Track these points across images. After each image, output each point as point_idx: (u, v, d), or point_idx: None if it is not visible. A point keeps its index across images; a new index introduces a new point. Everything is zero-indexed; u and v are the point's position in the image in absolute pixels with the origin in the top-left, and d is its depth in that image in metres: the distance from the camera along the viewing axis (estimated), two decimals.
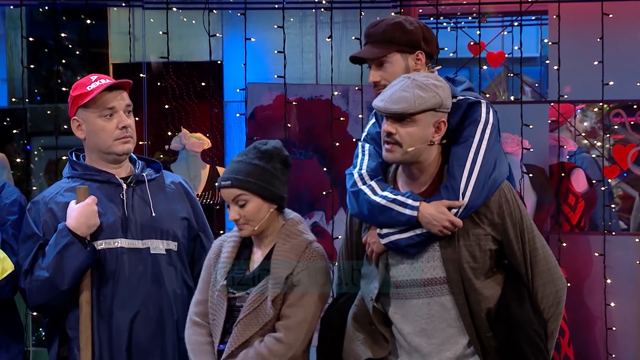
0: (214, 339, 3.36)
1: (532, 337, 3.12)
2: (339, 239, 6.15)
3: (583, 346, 6.14)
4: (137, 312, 3.51)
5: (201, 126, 6.60)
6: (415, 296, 3.19)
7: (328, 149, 6.17)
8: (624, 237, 6.20)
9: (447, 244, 3.14)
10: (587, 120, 6.97)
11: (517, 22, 6.55)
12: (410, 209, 3.11)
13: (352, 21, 6.31)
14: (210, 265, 3.44)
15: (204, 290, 3.42)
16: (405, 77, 3.15)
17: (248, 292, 3.34)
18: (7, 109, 6.81)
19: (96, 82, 3.54)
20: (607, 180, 6.31)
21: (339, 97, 6.26)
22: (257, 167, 3.30)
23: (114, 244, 3.52)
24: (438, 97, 3.10)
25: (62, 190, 3.58)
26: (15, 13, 6.54)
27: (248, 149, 3.35)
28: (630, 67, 6.15)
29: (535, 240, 3.21)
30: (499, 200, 3.16)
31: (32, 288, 3.47)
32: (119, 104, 3.54)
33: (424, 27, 3.40)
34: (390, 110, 3.09)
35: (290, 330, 3.29)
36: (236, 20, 6.27)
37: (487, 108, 3.23)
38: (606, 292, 5.95)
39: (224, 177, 3.30)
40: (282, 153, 3.37)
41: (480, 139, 3.16)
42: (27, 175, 6.59)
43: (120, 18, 6.56)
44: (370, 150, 3.32)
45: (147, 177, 3.63)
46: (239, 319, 3.32)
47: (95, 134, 3.55)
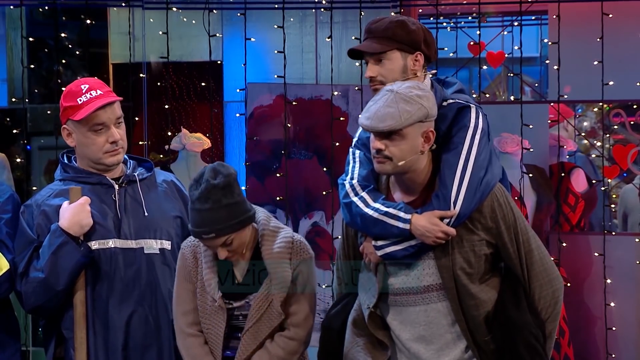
0: (212, 348, 3.39)
1: (529, 339, 3.13)
2: (338, 238, 6.13)
3: (583, 346, 6.14)
4: (133, 312, 3.52)
5: (201, 126, 6.59)
6: (412, 303, 3.20)
7: (328, 149, 6.17)
8: (624, 237, 6.20)
9: (441, 252, 3.15)
10: (587, 120, 6.97)
11: (517, 22, 6.55)
12: (403, 222, 3.12)
13: (352, 21, 6.30)
14: (189, 272, 3.43)
15: (190, 300, 3.42)
16: (388, 91, 3.12)
17: (247, 301, 3.37)
18: (7, 109, 6.81)
19: (87, 94, 3.51)
20: (607, 180, 6.31)
21: (339, 97, 6.26)
22: (228, 207, 3.25)
23: (107, 245, 3.52)
24: (423, 108, 3.08)
25: (54, 193, 3.58)
26: (15, 13, 6.54)
27: (207, 191, 3.22)
28: (630, 67, 6.15)
29: (530, 242, 3.21)
30: (492, 205, 3.16)
31: (28, 290, 3.47)
32: (109, 119, 3.53)
33: (426, 30, 3.39)
34: (377, 128, 3.07)
35: (300, 327, 3.38)
36: (236, 20, 6.27)
37: (476, 113, 3.22)
38: (606, 292, 5.95)
39: (205, 231, 3.25)
40: (230, 174, 3.27)
41: (470, 145, 3.15)
42: (27, 175, 6.59)
43: (120, 18, 6.56)
44: (361, 157, 3.32)
45: (139, 177, 3.63)
46: (247, 328, 3.36)
47: (85, 146, 3.55)
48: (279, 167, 6.25)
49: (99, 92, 3.53)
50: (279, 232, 3.41)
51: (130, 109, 6.38)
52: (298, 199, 6.28)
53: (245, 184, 6.24)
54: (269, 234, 3.39)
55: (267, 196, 6.20)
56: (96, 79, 3.67)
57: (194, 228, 3.28)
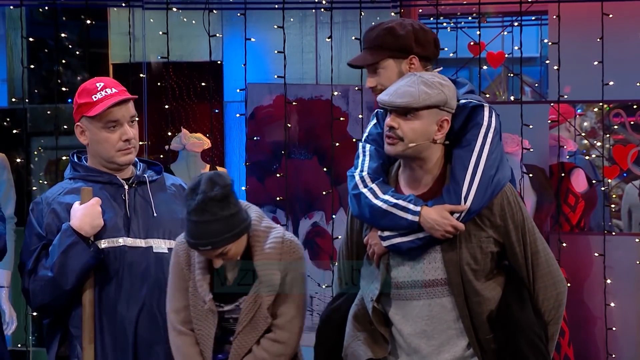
0: (203, 350, 3.37)
1: (533, 339, 3.12)
2: (339, 239, 6.14)
3: (583, 346, 6.14)
4: (141, 310, 3.52)
5: (201, 126, 6.60)
6: (416, 297, 3.19)
7: (328, 149, 6.17)
8: (624, 237, 6.20)
9: (448, 246, 3.14)
10: (587, 121, 6.97)
11: (517, 22, 6.55)
12: (412, 214, 3.12)
13: (352, 21, 6.31)
14: (182, 271, 3.42)
15: (182, 297, 3.40)
16: (411, 74, 3.17)
17: (238, 304, 3.36)
18: (7, 109, 6.81)
19: (102, 91, 3.53)
20: (607, 181, 6.32)
21: (339, 97, 6.26)
22: (225, 220, 3.22)
23: (116, 243, 3.53)
24: (443, 94, 3.11)
25: (64, 191, 3.60)
26: (16, 13, 6.54)
27: (203, 203, 3.19)
28: (630, 67, 6.15)
29: (537, 243, 3.21)
30: (501, 203, 3.17)
31: (35, 288, 3.48)
32: (123, 117, 3.55)
33: (418, 31, 3.39)
34: (394, 103, 3.09)
35: (284, 329, 3.34)
36: (236, 20, 6.27)
37: (489, 112, 3.24)
38: (606, 293, 5.95)
39: (202, 243, 3.23)
40: (227, 185, 3.24)
41: (483, 142, 3.17)
42: (27, 176, 6.59)
43: (120, 18, 6.56)
44: (371, 151, 3.32)
45: (149, 179, 3.65)
46: (238, 332, 3.34)
47: (99, 143, 3.56)
48: (279, 167, 6.25)
49: (114, 90, 3.55)
50: (270, 232, 3.38)
51: None
52: (298, 199, 6.28)
53: (245, 184, 6.25)
54: (259, 235, 3.36)
55: (267, 196, 6.21)
56: (111, 79, 3.69)
57: (190, 239, 3.26)
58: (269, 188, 6.25)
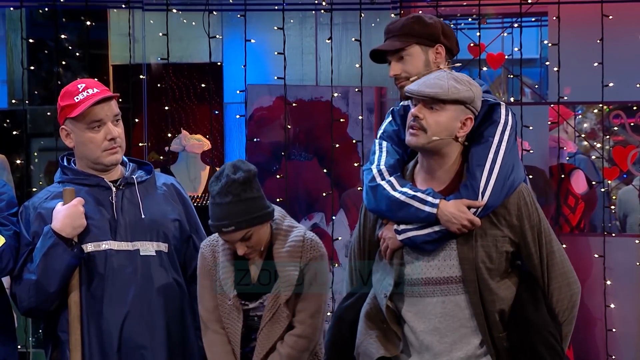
0: (234, 345, 3.44)
1: (548, 339, 3.12)
2: (338, 240, 6.15)
3: (583, 347, 6.14)
4: (128, 313, 3.50)
5: (201, 127, 6.60)
6: (430, 294, 3.18)
7: (328, 151, 6.18)
8: (624, 238, 6.20)
9: (464, 243, 3.14)
10: (587, 122, 6.97)
11: (517, 23, 6.55)
12: (430, 206, 3.12)
13: (352, 23, 6.31)
14: (209, 271, 3.47)
15: (212, 297, 3.46)
16: (442, 70, 3.20)
17: (262, 302, 3.42)
18: (7, 110, 6.82)
19: (84, 92, 3.52)
20: (607, 182, 6.32)
21: (339, 99, 6.26)
22: (248, 201, 3.33)
23: (102, 246, 3.51)
24: (471, 92, 3.13)
25: (51, 195, 3.58)
26: (15, 14, 6.54)
27: (227, 185, 3.30)
28: (630, 69, 6.15)
29: (552, 244, 3.21)
30: (518, 203, 3.17)
31: (21, 292, 3.48)
32: (106, 116, 3.53)
33: (444, 23, 3.43)
34: (423, 92, 3.10)
35: (305, 324, 3.41)
36: (236, 21, 6.28)
37: (506, 110, 3.26)
38: (606, 294, 5.95)
39: (225, 224, 3.30)
40: (250, 170, 3.37)
41: (500, 140, 3.18)
42: (27, 177, 6.59)
43: (120, 19, 6.57)
44: (388, 147, 3.32)
45: (137, 180, 3.62)
46: (261, 329, 3.41)
47: (84, 144, 3.55)
48: (279, 169, 6.26)
49: (95, 90, 3.53)
50: (292, 231, 3.45)
51: (130, 110, 6.38)
52: (298, 200, 6.28)
53: None
54: (281, 233, 3.43)
55: (267, 198, 6.18)
56: (93, 80, 3.67)
57: (214, 222, 3.32)
58: (268, 189, 6.23)
